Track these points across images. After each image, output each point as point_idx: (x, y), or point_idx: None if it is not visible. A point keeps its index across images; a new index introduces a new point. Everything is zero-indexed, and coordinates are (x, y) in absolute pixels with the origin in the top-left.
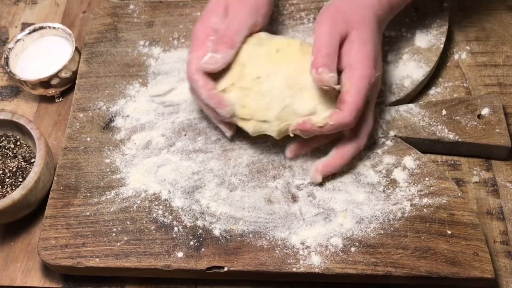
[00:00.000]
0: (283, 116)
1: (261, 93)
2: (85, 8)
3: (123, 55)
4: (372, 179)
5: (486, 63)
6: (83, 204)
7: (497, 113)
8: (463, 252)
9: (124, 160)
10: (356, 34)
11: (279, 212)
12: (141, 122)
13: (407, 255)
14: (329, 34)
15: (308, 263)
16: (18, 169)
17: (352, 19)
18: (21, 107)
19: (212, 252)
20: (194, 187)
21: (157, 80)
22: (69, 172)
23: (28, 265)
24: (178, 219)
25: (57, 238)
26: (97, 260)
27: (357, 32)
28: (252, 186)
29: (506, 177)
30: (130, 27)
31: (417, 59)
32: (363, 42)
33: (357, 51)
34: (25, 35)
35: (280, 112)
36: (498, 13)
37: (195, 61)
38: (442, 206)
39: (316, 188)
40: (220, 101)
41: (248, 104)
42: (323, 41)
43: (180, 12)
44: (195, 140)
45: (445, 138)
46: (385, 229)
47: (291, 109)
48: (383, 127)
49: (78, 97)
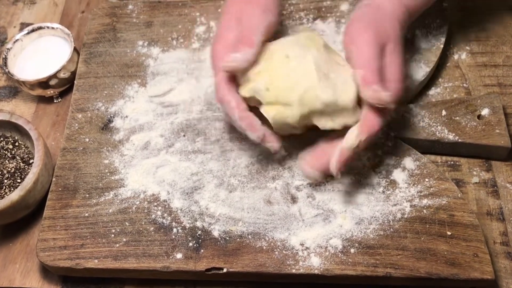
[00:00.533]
0: (305, 99)
1: (287, 73)
2: (83, 8)
3: (122, 56)
4: (372, 180)
5: (486, 63)
6: (81, 205)
7: (497, 113)
8: (463, 253)
9: (123, 161)
10: (393, 47)
11: (278, 213)
12: (140, 123)
13: (407, 256)
14: (374, 45)
15: (307, 264)
16: (17, 170)
17: (387, 31)
18: (19, 108)
19: (211, 253)
20: (193, 188)
21: (156, 81)
22: (68, 173)
23: (27, 266)
24: (177, 220)
25: (55, 239)
26: (95, 262)
27: (393, 45)
28: (252, 187)
29: (506, 177)
30: (129, 27)
31: (417, 60)
32: (399, 55)
33: (396, 66)
34: (24, 35)
35: (304, 94)
36: (498, 13)
37: (223, 82)
38: (442, 207)
39: (315, 189)
40: (252, 124)
41: (274, 85)
42: (370, 54)
43: (179, 12)
44: (194, 140)
45: (445, 138)
46: (385, 230)
47: (314, 94)
48: (383, 128)
49: (76, 97)
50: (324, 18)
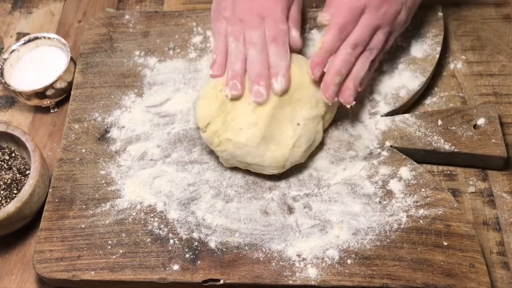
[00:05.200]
0: (254, 167)
1: (238, 144)
2: (80, 18)
3: (119, 66)
4: (368, 190)
5: (482, 73)
6: (78, 216)
7: (493, 123)
8: (459, 263)
9: (120, 172)
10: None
11: (275, 224)
12: (137, 133)
13: (404, 267)
14: None
15: (304, 276)
16: (13, 181)
17: None
18: (16, 118)
19: (208, 265)
20: (190, 199)
21: (153, 91)
22: (64, 184)
23: (23, 278)
24: (173, 232)
25: (52, 251)
26: (92, 273)
27: None
28: (248, 197)
29: (502, 187)
30: (125, 37)
31: (413, 69)
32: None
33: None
34: (20, 45)
35: (252, 164)
36: (494, 22)
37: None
38: (438, 217)
39: (312, 199)
40: (217, 49)
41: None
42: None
43: (175, 22)
44: (190, 151)
45: (441, 148)
46: (381, 241)
47: (260, 167)
48: (378, 138)
49: (73, 108)
50: (320, 28)
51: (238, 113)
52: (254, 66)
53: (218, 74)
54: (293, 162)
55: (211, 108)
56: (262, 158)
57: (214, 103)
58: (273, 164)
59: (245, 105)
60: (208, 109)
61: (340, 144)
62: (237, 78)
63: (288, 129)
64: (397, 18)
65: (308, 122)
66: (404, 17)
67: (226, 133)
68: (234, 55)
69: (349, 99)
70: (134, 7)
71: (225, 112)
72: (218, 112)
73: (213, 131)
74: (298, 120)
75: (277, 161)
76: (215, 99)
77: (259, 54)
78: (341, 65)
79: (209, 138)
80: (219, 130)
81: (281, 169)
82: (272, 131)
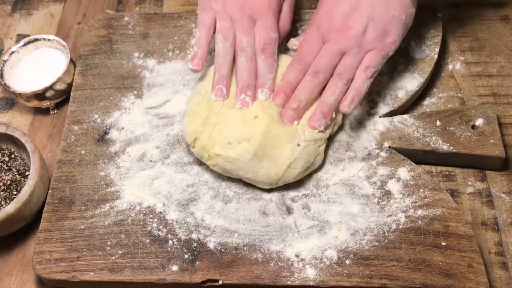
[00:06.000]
0: (247, 180)
1: (228, 158)
2: (80, 20)
3: (118, 67)
4: (367, 191)
5: (480, 73)
6: (77, 218)
7: (491, 123)
8: (457, 264)
9: (119, 173)
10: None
11: (274, 225)
12: (136, 135)
13: (402, 267)
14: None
15: (303, 276)
16: (13, 182)
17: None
18: (16, 119)
19: (206, 266)
20: (189, 200)
21: (152, 92)
22: (64, 185)
23: (23, 279)
24: (172, 232)
25: (51, 252)
26: (91, 274)
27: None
28: (247, 198)
29: (501, 187)
30: (125, 39)
31: (411, 70)
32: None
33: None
34: (20, 47)
35: (245, 177)
36: (492, 23)
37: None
38: (437, 217)
39: (310, 200)
40: (199, 41)
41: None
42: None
43: (174, 24)
44: (189, 152)
45: (439, 149)
46: (380, 241)
47: (253, 181)
48: (377, 138)
49: (73, 109)
50: None
51: (224, 128)
52: (242, 74)
53: (198, 69)
54: (287, 181)
55: (196, 123)
56: (254, 173)
57: (198, 118)
58: (266, 181)
59: (232, 117)
60: (193, 125)
61: (339, 144)
62: (223, 82)
63: (286, 148)
64: (364, 36)
65: (310, 144)
66: (374, 34)
67: (214, 148)
68: (222, 57)
69: (315, 124)
70: (134, 9)
71: (210, 126)
72: (203, 127)
73: (201, 146)
74: (299, 140)
75: (270, 178)
76: (199, 115)
77: (248, 62)
78: (299, 90)
79: (199, 153)
80: (207, 145)
81: (274, 185)
82: (267, 148)
